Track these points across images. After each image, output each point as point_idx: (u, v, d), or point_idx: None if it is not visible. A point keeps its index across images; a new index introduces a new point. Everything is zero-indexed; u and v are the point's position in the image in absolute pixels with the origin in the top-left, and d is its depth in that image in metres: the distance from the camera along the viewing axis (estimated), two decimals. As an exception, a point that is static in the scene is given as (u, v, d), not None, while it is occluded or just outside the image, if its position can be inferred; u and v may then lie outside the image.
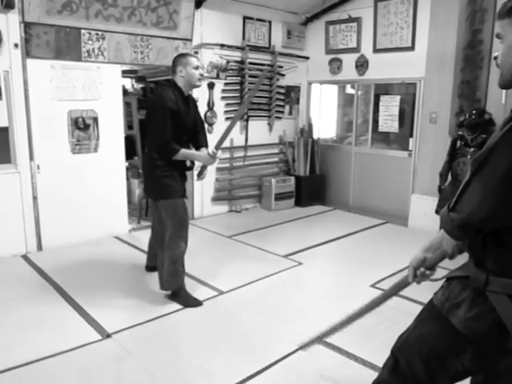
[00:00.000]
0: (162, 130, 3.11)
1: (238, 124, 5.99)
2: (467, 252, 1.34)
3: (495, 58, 1.28)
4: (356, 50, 5.99)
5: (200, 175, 3.53)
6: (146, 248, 4.29)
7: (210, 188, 5.84)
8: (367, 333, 2.85)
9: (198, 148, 3.44)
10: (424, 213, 5.23)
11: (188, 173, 3.51)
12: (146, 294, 3.48)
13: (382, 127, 5.84)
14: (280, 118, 6.46)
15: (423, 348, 1.44)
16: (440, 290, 1.42)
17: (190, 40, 5.25)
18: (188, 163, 3.41)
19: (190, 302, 3.28)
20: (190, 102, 3.37)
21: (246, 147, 6.07)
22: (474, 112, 4.25)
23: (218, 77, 5.64)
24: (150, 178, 3.32)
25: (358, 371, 2.51)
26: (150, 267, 3.84)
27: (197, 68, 3.22)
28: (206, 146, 3.45)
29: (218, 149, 3.24)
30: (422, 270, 1.43)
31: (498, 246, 1.22)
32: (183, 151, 3.20)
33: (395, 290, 1.67)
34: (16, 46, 4.05)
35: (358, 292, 3.57)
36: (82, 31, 4.40)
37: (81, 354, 2.66)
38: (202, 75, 3.27)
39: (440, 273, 1.46)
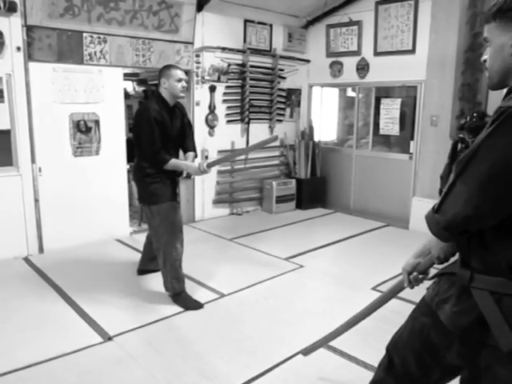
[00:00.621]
0: (151, 141, 3.19)
1: (240, 127, 6.01)
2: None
3: (484, 61, 1.31)
4: (357, 53, 6.00)
5: (185, 178, 3.63)
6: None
7: (210, 191, 5.85)
8: (368, 335, 2.85)
9: (185, 151, 3.54)
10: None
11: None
12: (147, 297, 3.49)
13: (382, 130, 5.85)
14: (281, 120, 6.47)
15: (415, 343, 1.48)
16: (431, 286, 1.45)
17: (192, 43, 5.27)
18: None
19: (191, 305, 3.29)
20: (177, 111, 3.43)
21: (247, 150, 6.08)
22: (474, 115, 4.26)
23: (219, 80, 5.66)
24: (141, 186, 3.42)
25: (359, 374, 2.51)
26: (142, 271, 3.89)
27: (180, 80, 3.27)
28: (194, 150, 3.55)
29: (209, 167, 3.30)
30: (415, 274, 1.46)
31: (481, 246, 1.25)
32: (173, 161, 3.27)
33: (391, 294, 1.72)
34: (18, 49, 4.07)
35: (359, 295, 3.57)
36: (84, 34, 4.42)
37: (82, 356, 2.66)
38: (184, 87, 3.31)
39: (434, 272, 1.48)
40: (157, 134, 3.20)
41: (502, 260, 1.20)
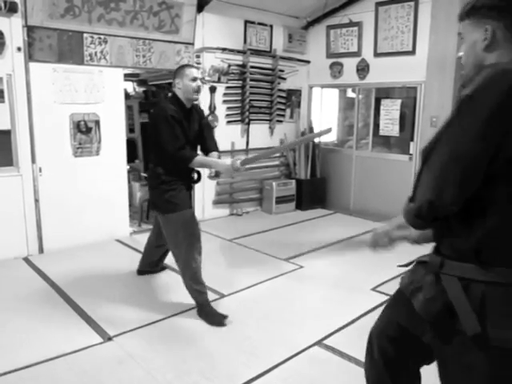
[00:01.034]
0: (173, 137, 2.99)
1: (240, 127, 6.01)
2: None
3: (459, 57, 1.35)
4: (357, 54, 6.01)
5: (214, 177, 3.43)
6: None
7: (210, 191, 5.85)
8: (367, 335, 2.85)
9: (207, 153, 3.33)
10: (425, 216, 5.23)
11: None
12: (147, 297, 3.49)
13: (382, 131, 5.86)
14: (281, 121, 6.48)
15: (390, 331, 1.55)
16: (406, 275, 1.49)
17: (192, 44, 5.27)
18: (195, 176, 3.32)
19: (215, 319, 3.10)
20: (194, 113, 3.25)
21: (247, 150, 6.08)
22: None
23: (219, 80, 5.66)
24: (156, 193, 3.21)
25: (359, 374, 2.50)
26: (142, 271, 3.86)
27: (194, 80, 3.10)
28: (217, 149, 3.36)
29: (244, 165, 3.03)
30: (385, 240, 1.55)
31: (448, 232, 1.28)
32: (200, 158, 3.09)
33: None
34: (19, 49, 4.08)
35: (358, 295, 3.57)
36: (85, 35, 4.42)
37: (82, 356, 2.66)
38: (199, 87, 3.14)
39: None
40: (178, 130, 3.00)
41: (466, 244, 1.23)
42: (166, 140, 2.99)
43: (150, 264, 3.83)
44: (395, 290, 1.57)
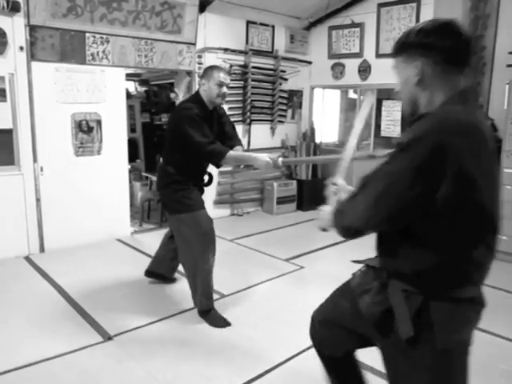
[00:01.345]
0: (202, 133, 2.84)
1: (241, 128, 6.01)
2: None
3: (397, 92, 1.41)
4: (359, 55, 6.01)
5: (243, 169, 3.27)
6: (148, 251, 4.31)
7: (211, 191, 5.84)
8: (368, 337, 2.85)
9: (231, 148, 3.08)
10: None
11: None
12: (148, 297, 3.49)
13: (384, 132, 5.86)
14: (282, 122, 6.48)
15: (335, 319, 1.74)
16: (358, 274, 1.63)
17: (194, 44, 5.28)
18: (206, 178, 3.24)
19: (219, 323, 3.06)
20: (214, 115, 3.13)
21: (248, 151, 6.08)
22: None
23: (221, 81, 5.66)
24: (167, 192, 3.08)
25: (359, 375, 2.50)
26: (150, 273, 3.65)
27: (221, 85, 2.95)
28: (241, 144, 3.24)
29: (284, 164, 2.91)
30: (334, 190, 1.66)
31: (392, 252, 1.38)
32: (234, 153, 2.91)
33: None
34: (21, 48, 4.08)
35: (359, 296, 3.56)
36: (87, 35, 4.43)
37: (82, 355, 2.66)
38: (224, 94, 2.99)
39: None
40: (206, 127, 2.86)
41: (408, 268, 1.32)
42: (194, 138, 2.84)
43: (160, 263, 3.59)
44: (343, 284, 1.74)
